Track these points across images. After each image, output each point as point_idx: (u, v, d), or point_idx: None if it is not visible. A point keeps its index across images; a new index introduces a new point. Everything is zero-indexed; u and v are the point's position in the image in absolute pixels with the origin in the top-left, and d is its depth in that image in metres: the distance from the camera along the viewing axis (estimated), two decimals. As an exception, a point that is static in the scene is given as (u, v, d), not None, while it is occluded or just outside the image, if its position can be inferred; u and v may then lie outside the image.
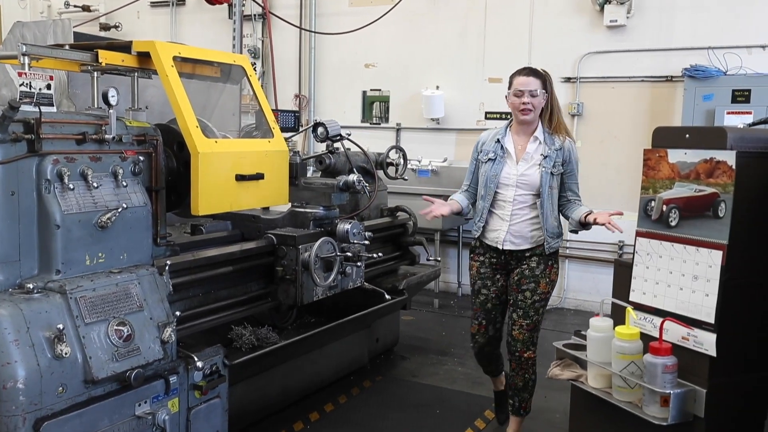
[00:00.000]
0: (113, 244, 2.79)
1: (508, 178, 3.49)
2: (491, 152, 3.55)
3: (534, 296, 3.50)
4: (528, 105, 3.39)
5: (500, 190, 3.50)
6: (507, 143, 3.53)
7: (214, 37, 8.25)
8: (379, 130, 7.62)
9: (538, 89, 3.41)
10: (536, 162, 3.44)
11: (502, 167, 3.49)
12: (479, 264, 3.65)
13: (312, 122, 4.44)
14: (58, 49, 2.71)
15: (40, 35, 3.31)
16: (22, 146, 2.51)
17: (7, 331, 2.29)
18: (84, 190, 2.69)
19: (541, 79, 3.45)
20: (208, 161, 2.83)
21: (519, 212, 3.48)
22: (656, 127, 2.51)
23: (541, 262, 3.51)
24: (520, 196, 3.47)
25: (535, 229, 3.49)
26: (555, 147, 3.45)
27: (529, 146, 3.48)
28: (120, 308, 2.65)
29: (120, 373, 2.56)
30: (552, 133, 3.50)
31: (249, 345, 3.80)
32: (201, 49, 3.12)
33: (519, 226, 3.49)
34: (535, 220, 3.48)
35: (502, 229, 3.51)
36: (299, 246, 3.69)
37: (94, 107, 3.08)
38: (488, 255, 3.61)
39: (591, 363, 2.33)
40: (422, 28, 7.30)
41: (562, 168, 3.47)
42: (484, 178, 3.56)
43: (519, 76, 3.46)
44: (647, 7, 6.23)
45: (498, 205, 3.53)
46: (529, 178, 3.45)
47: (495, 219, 3.54)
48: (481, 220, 3.58)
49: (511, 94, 3.47)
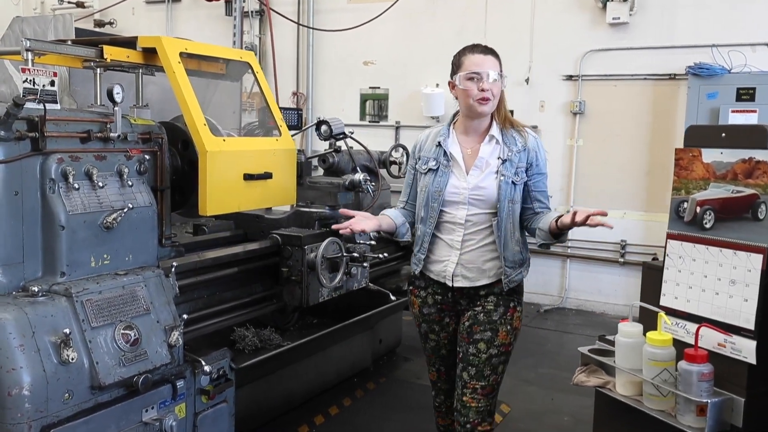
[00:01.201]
0: (119, 245, 2.72)
1: (456, 194, 2.65)
2: (432, 160, 2.71)
3: (490, 349, 2.65)
4: (488, 93, 2.58)
5: (447, 208, 2.67)
6: (451, 147, 2.70)
7: (211, 34, 8.15)
8: (378, 128, 7.55)
9: (500, 72, 2.63)
10: (492, 169, 2.63)
11: (447, 179, 2.66)
12: (421, 302, 2.83)
13: (314, 120, 4.37)
14: (62, 44, 2.63)
15: (40, 30, 3.22)
16: (25, 144, 2.44)
17: (12, 336, 2.22)
18: (89, 189, 2.61)
19: (498, 59, 2.67)
20: (216, 160, 2.76)
21: (472, 237, 2.66)
22: (689, 126, 2.45)
23: (500, 304, 2.67)
24: (474, 216, 2.64)
25: (494, 258, 2.67)
26: (517, 147, 2.65)
27: (482, 149, 2.66)
28: (127, 311, 2.58)
29: (127, 379, 2.49)
30: (505, 128, 2.69)
31: (252, 347, 3.73)
32: (207, 45, 3.05)
33: (473, 254, 2.66)
34: (492, 247, 2.66)
35: (451, 259, 2.68)
36: (305, 246, 3.62)
37: (97, 104, 3.00)
38: (431, 290, 2.78)
39: (620, 370, 2.27)
40: (421, 26, 7.24)
41: (526, 175, 2.65)
42: (424, 195, 2.71)
43: (473, 53, 2.64)
44: (650, 5, 6.19)
45: (444, 229, 2.70)
46: (484, 191, 2.63)
47: (441, 247, 2.71)
48: (422, 251, 2.73)
49: (462, 79, 2.60)
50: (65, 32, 3.13)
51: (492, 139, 2.69)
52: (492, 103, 2.63)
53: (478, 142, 2.69)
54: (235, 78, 4.53)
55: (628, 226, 6.43)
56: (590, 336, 5.85)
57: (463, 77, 2.62)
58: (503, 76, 2.68)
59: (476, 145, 2.69)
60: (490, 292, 2.69)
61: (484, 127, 2.71)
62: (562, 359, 5.15)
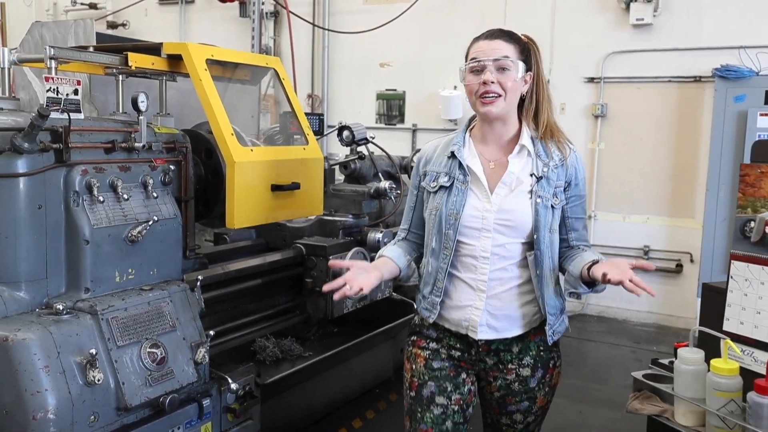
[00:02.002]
0: (143, 259, 2.63)
1: (477, 218, 2.07)
2: (443, 175, 2.14)
3: (528, 417, 2.21)
4: (492, 87, 2.01)
5: (465, 238, 2.08)
6: (469, 159, 2.12)
7: (224, 36, 8.06)
8: (394, 130, 7.44)
9: (512, 59, 2.02)
10: (525, 188, 2.08)
11: (465, 199, 2.08)
12: (430, 355, 2.19)
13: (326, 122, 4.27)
14: (86, 52, 2.54)
15: (60, 36, 3.13)
16: (49, 156, 2.35)
17: (36, 357, 2.13)
18: (113, 202, 2.52)
19: (518, 44, 2.07)
20: (244, 171, 2.66)
21: (500, 275, 2.08)
22: (756, 141, 2.32)
23: (539, 366, 2.14)
24: (501, 247, 2.07)
25: (529, 302, 2.11)
26: (554, 162, 2.10)
27: (511, 162, 2.09)
28: (152, 329, 2.49)
29: (153, 399, 2.40)
30: (543, 139, 2.13)
31: (273, 357, 3.65)
32: (233, 51, 2.95)
33: (503, 298, 2.09)
34: (528, 288, 2.10)
35: (475, 305, 2.09)
36: (330, 256, 3.53)
37: (119, 112, 2.91)
38: (447, 343, 2.18)
39: (680, 398, 2.16)
40: (439, 27, 7.12)
41: (565, 196, 2.13)
42: (434, 220, 2.13)
43: (479, 40, 2.10)
44: (675, 5, 6.06)
45: (463, 265, 2.10)
46: (514, 215, 2.06)
47: (460, 288, 2.12)
48: (435, 292, 2.13)
49: (466, 71, 2.08)
50: (86, 38, 3.04)
51: (522, 149, 2.11)
52: (500, 102, 2.03)
53: (504, 153, 2.13)
54: (254, 81, 4.44)
55: (651, 231, 6.31)
56: (614, 344, 5.75)
57: (466, 69, 2.08)
58: (527, 70, 2.06)
59: (501, 156, 2.13)
60: (526, 348, 2.13)
61: (511, 134, 2.13)
62: (588, 369, 5.04)
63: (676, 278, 6.21)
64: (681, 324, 6.15)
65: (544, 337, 2.13)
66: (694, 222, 6.12)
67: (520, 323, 2.11)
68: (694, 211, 6.11)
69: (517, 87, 2.05)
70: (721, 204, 5.65)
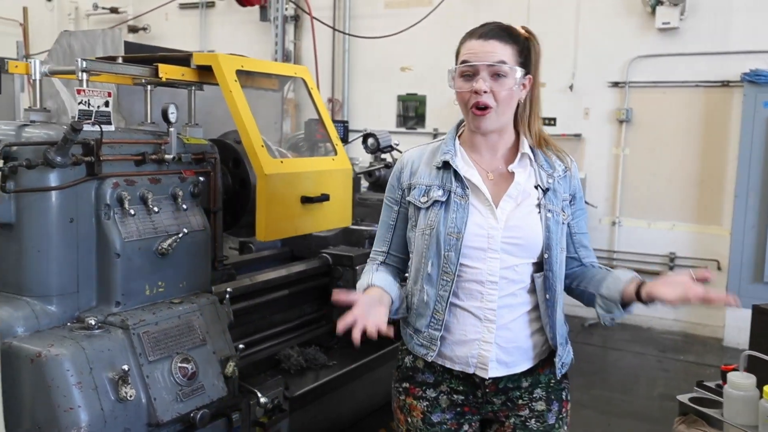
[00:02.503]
0: (173, 272, 2.60)
1: (482, 237, 1.82)
2: (436, 188, 1.86)
3: None
4: (484, 97, 1.77)
5: (470, 261, 1.82)
6: (466, 169, 1.86)
7: (245, 40, 8.09)
8: (415, 135, 7.40)
9: (510, 65, 1.78)
10: (532, 201, 1.85)
11: (467, 215, 1.82)
12: (428, 406, 1.93)
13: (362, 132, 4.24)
14: (117, 64, 2.52)
15: (88, 45, 3.13)
16: (81, 169, 2.33)
17: (69, 373, 2.11)
18: (144, 214, 2.50)
19: (516, 44, 1.82)
20: (275, 183, 2.63)
21: (510, 301, 1.84)
22: None
23: (553, 399, 1.93)
24: (510, 269, 1.83)
25: (537, 330, 1.88)
26: (558, 173, 1.89)
27: (516, 173, 1.87)
28: (183, 343, 2.46)
29: (185, 415, 2.37)
30: (540, 147, 1.91)
31: (297, 366, 3.60)
32: (262, 62, 2.93)
33: (512, 328, 1.85)
34: (536, 315, 1.87)
35: (483, 338, 1.83)
36: (356, 266, 3.50)
37: (147, 122, 2.89)
38: (447, 387, 1.92)
39: (730, 425, 2.09)
40: (461, 31, 7.00)
41: (570, 210, 1.92)
42: (429, 240, 1.84)
43: (471, 39, 1.85)
44: (702, 9, 5.97)
45: (466, 292, 1.84)
46: (523, 233, 1.83)
47: (464, 319, 1.85)
48: (434, 325, 1.86)
49: (456, 75, 1.83)
50: (114, 47, 3.03)
51: (524, 158, 1.88)
52: (492, 115, 1.79)
53: (502, 162, 1.89)
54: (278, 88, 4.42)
55: (677, 238, 6.22)
56: (639, 353, 5.66)
57: (457, 72, 1.82)
58: (526, 73, 1.81)
59: (500, 166, 1.89)
60: (536, 382, 1.90)
61: (508, 143, 1.90)
62: (614, 379, 4.97)
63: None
64: (708, 333, 6.05)
65: (553, 369, 1.90)
66: (722, 229, 6.03)
67: (530, 355, 1.87)
68: (722, 218, 6.02)
69: (512, 96, 1.81)
70: (750, 211, 5.56)
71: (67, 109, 3.27)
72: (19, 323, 2.22)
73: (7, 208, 2.23)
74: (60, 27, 9.16)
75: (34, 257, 2.29)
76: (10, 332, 2.19)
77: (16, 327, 2.21)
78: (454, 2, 6.91)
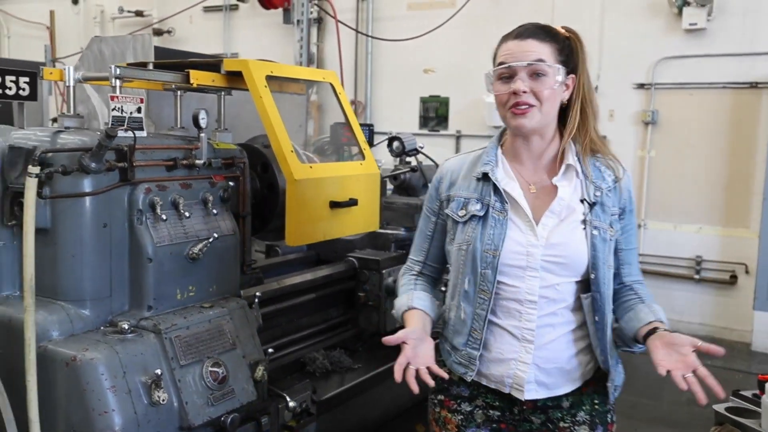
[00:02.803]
0: (203, 276, 2.63)
1: (521, 255, 1.74)
2: (474, 201, 1.80)
3: None
4: (524, 97, 1.70)
5: (508, 279, 1.76)
6: (506, 182, 1.79)
7: (268, 42, 8.12)
8: (438, 137, 7.39)
9: (549, 63, 1.72)
10: (577, 217, 1.76)
11: (505, 232, 1.75)
12: (463, 420, 1.88)
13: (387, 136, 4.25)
14: (150, 71, 2.55)
15: (119, 51, 3.16)
16: (114, 175, 2.36)
17: (104, 377, 2.14)
18: (175, 219, 2.52)
19: (556, 42, 1.77)
20: (304, 188, 2.65)
21: (550, 321, 1.77)
22: None
23: (597, 419, 1.83)
24: (551, 288, 1.75)
25: (582, 350, 1.80)
26: (607, 184, 1.79)
27: (560, 186, 1.78)
28: (214, 347, 2.48)
29: (215, 419, 2.39)
30: (588, 155, 1.80)
31: (323, 369, 3.61)
32: (291, 67, 2.95)
33: (553, 349, 1.77)
34: (581, 334, 1.79)
35: (520, 358, 1.77)
36: (382, 270, 3.50)
37: (177, 127, 2.92)
38: (483, 402, 1.86)
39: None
40: (485, 33, 7.03)
41: (619, 224, 1.81)
42: (465, 256, 1.79)
43: (508, 39, 1.80)
44: (730, 10, 5.89)
45: (504, 310, 1.78)
46: (566, 251, 1.74)
47: (501, 338, 1.79)
48: (472, 344, 1.80)
49: (494, 77, 1.78)
50: (144, 53, 3.06)
51: (569, 169, 1.78)
52: (535, 113, 1.71)
53: (546, 174, 1.80)
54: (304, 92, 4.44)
55: (703, 241, 6.14)
56: (665, 357, 5.58)
57: (494, 75, 1.76)
58: (570, 73, 1.73)
59: (543, 178, 1.80)
60: (579, 403, 1.80)
61: (552, 152, 1.80)
62: (640, 384, 4.89)
63: (730, 290, 6.04)
64: (735, 337, 5.97)
65: (598, 388, 1.81)
66: (749, 232, 5.94)
67: (573, 376, 1.79)
68: (749, 221, 5.94)
69: (555, 95, 1.72)
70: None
71: (97, 113, 3.32)
72: (54, 327, 2.26)
73: (43, 214, 2.26)
74: (86, 30, 9.28)
75: (69, 262, 2.32)
76: (45, 336, 2.22)
77: (52, 331, 2.25)
78: (477, 3, 6.88)
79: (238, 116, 3.40)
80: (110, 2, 9.20)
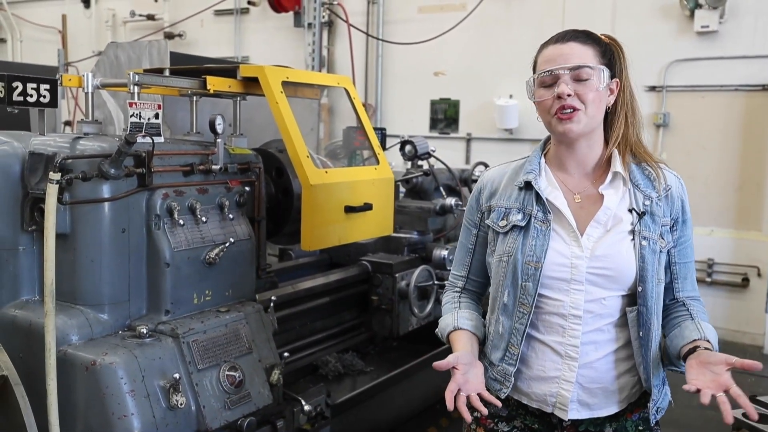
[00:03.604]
0: (219, 281, 2.65)
1: (564, 267, 1.68)
2: (515, 211, 1.75)
3: None
4: (570, 100, 1.64)
5: (550, 292, 1.69)
6: (549, 191, 1.73)
7: (279, 45, 8.16)
8: (448, 139, 7.40)
9: (593, 65, 1.66)
10: (625, 228, 1.69)
11: (548, 243, 1.69)
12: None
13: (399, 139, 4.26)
14: (167, 77, 2.58)
15: (135, 57, 3.19)
16: (132, 181, 2.38)
17: (123, 381, 2.16)
18: (192, 224, 2.55)
19: (598, 45, 1.72)
20: (319, 193, 2.67)
21: (596, 338, 1.69)
22: None
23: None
24: (597, 303, 1.68)
25: (627, 370, 1.72)
26: (656, 192, 1.70)
27: (606, 195, 1.70)
28: (230, 351, 2.50)
29: (232, 422, 2.42)
30: (636, 162, 1.74)
31: (335, 372, 3.64)
32: (306, 72, 2.97)
33: (597, 367, 1.69)
34: (626, 353, 1.71)
35: (564, 376, 1.69)
36: (395, 274, 3.51)
37: (193, 132, 2.94)
38: (522, 423, 1.81)
39: None
40: (495, 35, 7.05)
41: (671, 236, 1.73)
42: (506, 268, 1.73)
43: (548, 45, 1.74)
44: (742, 12, 5.86)
45: (546, 325, 1.71)
46: (613, 263, 1.66)
47: (543, 354, 1.72)
48: (509, 359, 1.74)
49: (536, 84, 1.71)
50: (160, 59, 3.08)
51: (617, 177, 1.70)
52: (581, 117, 1.64)
53: (592, 182, 1.73)
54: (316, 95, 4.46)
55: (715, 243, 6.12)
56: (677, 360, 5.57)
57: (536, 81, 1.70)
58: (613, 76, 1.68)
59: (588, 187, 1.73)
60: (622, 429, 1.73)
61: (597, 159, 1.73)
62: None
63: (742, 292, 6.01)
64: (747, 340, 5.95)
65: (643, 415, 1.73)
66: (761, 235, 5.92)
67: (617, 398, 1.70)
68: (762, 223, 5.91)
69: (601, 98, 1.66)
70: (791, 217, 5.45)
71: (113, 119, 3.35)
72: (73, 331, 2.28)
73: (63, 219, 2.29)
74: (97, 34, 9.35)
75: (88, 267, 2.34)
76: (65, 340, 2.25)
77: (71, 335, 2.27)
78: (488, 6, 6.89)
79: (252, 120, 3.43)
80: (122, 6, 9.26)
